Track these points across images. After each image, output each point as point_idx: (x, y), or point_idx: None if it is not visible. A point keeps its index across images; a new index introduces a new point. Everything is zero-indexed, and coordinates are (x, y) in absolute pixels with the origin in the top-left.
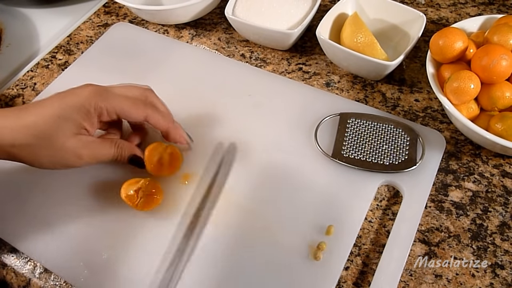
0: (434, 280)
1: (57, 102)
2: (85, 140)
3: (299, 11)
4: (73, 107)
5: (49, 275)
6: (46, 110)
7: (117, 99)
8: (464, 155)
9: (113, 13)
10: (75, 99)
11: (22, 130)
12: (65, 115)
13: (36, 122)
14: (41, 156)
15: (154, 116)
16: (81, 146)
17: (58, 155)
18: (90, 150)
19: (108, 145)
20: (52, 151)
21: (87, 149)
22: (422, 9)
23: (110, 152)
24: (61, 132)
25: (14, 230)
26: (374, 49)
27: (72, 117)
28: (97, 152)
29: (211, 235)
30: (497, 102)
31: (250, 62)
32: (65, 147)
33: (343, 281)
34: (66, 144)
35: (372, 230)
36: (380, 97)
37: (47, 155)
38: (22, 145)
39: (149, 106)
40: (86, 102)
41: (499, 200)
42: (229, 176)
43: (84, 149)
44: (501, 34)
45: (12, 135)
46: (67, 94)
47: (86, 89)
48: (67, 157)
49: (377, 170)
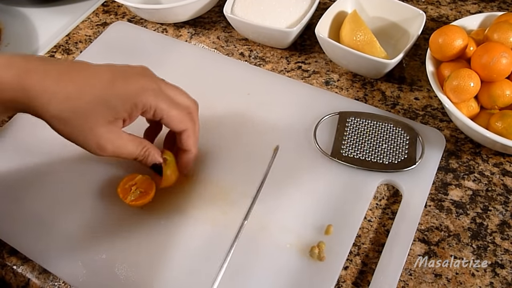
0: (433, 280)
1: (107, 82)
2: (115, 133)
3: (298, 9)
4: (121, 96)
5: (47, 275)
6: (92, 86)
7: (167, 102)
8: (464, 153)
9: (112, 12)
10: (126, 88)
11: (60, 99)
12: (108, 101)
13: (77, 96)
14: (68, 129)
15: (190, 134)
16: (107, 138)
17: (83, 135)
18: (115, 146)
19: (135, 145)
20: (80, 130)
21: (112, 143)
22: (422, 6)
23: (134, 153)
24: (96, 116)
25: (12, 230)
26: (374, 47)
27: (115, 106)
28: (121, 149)
29: (209, 235)
30: (497, 100)
31: (249, 61)
32: (92, 132)
33: (342, 280)
34: (95, 130)
35: (371, 229)
36: (379, 96)
37: (73, 132)
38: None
39: (192, 121)
40: (136, 95)
41: (499, 199)
42: (227, 175)
43: (108, 142)
44: (501, 32)
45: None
46: (120, 76)
47: (141, 80)
48: (90, 142)
49: (377, 169)
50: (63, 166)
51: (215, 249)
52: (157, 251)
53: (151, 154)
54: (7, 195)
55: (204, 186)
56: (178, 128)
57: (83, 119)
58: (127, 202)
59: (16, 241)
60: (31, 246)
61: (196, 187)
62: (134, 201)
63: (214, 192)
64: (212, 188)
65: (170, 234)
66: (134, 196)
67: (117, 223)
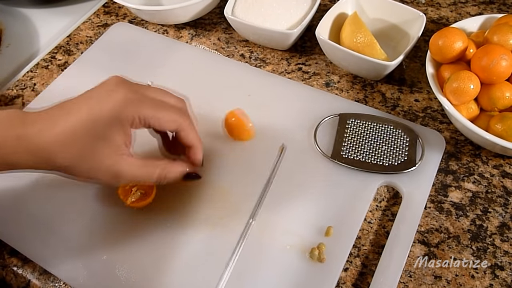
0: (433, 281)
1: (86, 115)
2: (124, 162)
3: (299, 11)
4: (105, 122)
5: (48, 276)
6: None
7: (150, 106)
8: (464, 155)
9: (113, 13)
10: (104, 110)
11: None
12: (99, 133)
13: (72, 142)
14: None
15: (186, 130)
16: (119, 169)
17: (96, 174)
18: (129, 173)
19: (150, 170)
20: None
21: (125, 171)
22: (422, 8)
23: (151, 176)
24: (99, 153)
25: (13, 231)
26: (374, 49)
27: (107, 135)
28: (136, 174)
29: (210, 236)
30: (497, 103)
31: (250, 62)
32: (103, 168)
33: (342, 282)
34: (104, 165)
35: (371, 231)
36: (379, 97)
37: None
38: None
39: (183, 117)
40: (117, 112)
41: (499, 201)
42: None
43: (122, 172)
44: (501, 34)
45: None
46: (95, 101)
47: (114, 94)
48: (104, 177)
49: (377, 171)
50: None
51: (216, 250)
52: (157, 252)
53: (172, 172)
54: (8, 197)
55: (206, 188)
56: (171, 127)
57: (88, 161)
58: (127, 203)
59: (17, 242)
60: (31, 247)
61: (197, 189)
62: (134, 203)
63: (216, 194)
64: (214, 189)
65: (171, 235)
66: (135, 197)
67: (118, 224)
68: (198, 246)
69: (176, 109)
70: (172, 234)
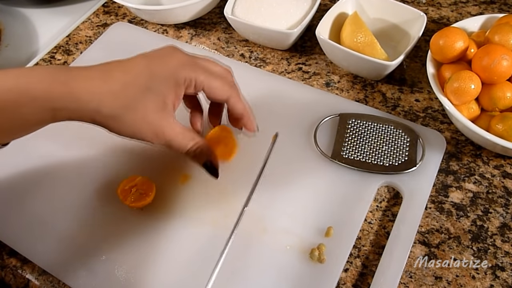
0: (434, 282)
1: (144, 69)
2: (167, 121)
3: (299, 11)
4: (162, 78)
5: (47, 276)
6: (134, 78)
7: (206, 72)
8: (464, 155)
9: (112, 13)
10: (164, 68)
11: (109, 97)
12: (152, 86)
13: (123, 90)
14: (123, 125)
15: (236, 99)
16: (161, 126)
17: (139, 127)
18: (168, 134)
19: (187, 139)
20: (134, 123)
21: (165, 131)
22: (422, 8)
23: (185, 146)
24: (146, 105)
25: (12, 231)
26: (374, 48)
27: (160, 90)
28: (173, 139)
29: (210, 236)
30: (498, 103)
31: (250, 62)
32: (146, 121)
33: (343, 283)
34: (148, 119)
35: (371, 231)
36: (380, 97)
37: (128, 126)
38: (107, 113)
39: (233, 87)
40: (175, 72)
41: (500, 201)
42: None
43: (162, 130)
44: (502, 34)
45: (98, 101)
46: (154, 60)
47: (174, 57)
48: (146, 132)
49: (377, 171)
50: (63, 168)
51: (216, 250)
52: (157, 252)
53: (204, 152)
54: (8, 197)
55: (205, 188)
56: (222, 96)
57: (134, 112)
58: (127, 203)
59: (16, 243)
60: (31, 247)
61: (197, 189)
62: (134, 203)
63: (215, 194)
64: (213, 189)
65: (170, 235)
66: (134, 197)
67: (117, 224)
68: (198, 245)
69: (226, 79)
70: (172, 234)
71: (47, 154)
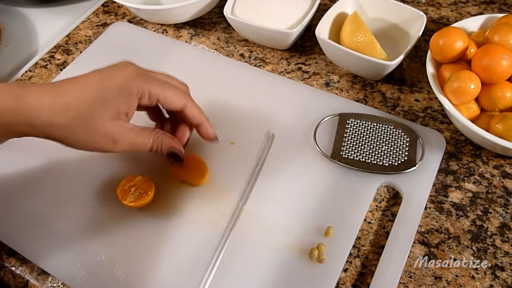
0: (433, 282)
1: (96, 82)
2: (122, 126)
3: (299, 11)
4: (114, 89)
5: (46, 276)
6: (85, 90)
7: (159, 83)
8: (464, 155)
9: (112, 12)
10: (115, 79)
11: (61, 110)
12: (104, 97)
13: (75, 102)
14: (77, 137)
15: (192, 107)
16: (117, 132)
17: (94, 137)
18: (126, 137)
19: (146, 136)
20: (88, 133)
21: (123, 135)
22: (422, 8)
23: (147, 143)
24: (99, 115)
25: (11, 231)
26: (374, 48)
27: (112, 100)
28: (133, 140)
29: (209, 236)
30: (498, 103)
31: (249, 62)
32: (101, 131)
33: (342, 282)
34: (102, 128)
35: (371, 231)
36: (380, 97)
37: (83, 137)
38: (59, 125)
39: (188, 96)
40: (127, 83)
41: (500, 201)
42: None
43: (120, 135)
44: (502, 34)
45: (50, 114)
46: (106, 73)
47: (126, 69)
48: (102, 140)
49: (377, 171)
50: (62, 167)
51: (215, 250)
52: (156, 252)
53: (165, 141)
54: (6, 196)
55: (204, 188)
56: (177, 104)
57: (88, 122)
58: (126, 203)
59: (15, 242)
60: (30, 247)
61: (196, 188)
62: (133, 202)
63: (214, 194)
64: (212, 189)
65: (169, 235)
66: (133, 197)
67: (116, 224)
68: (198, 245)
69: (181, 90)
70: (171, 233)
71: (46, 153)
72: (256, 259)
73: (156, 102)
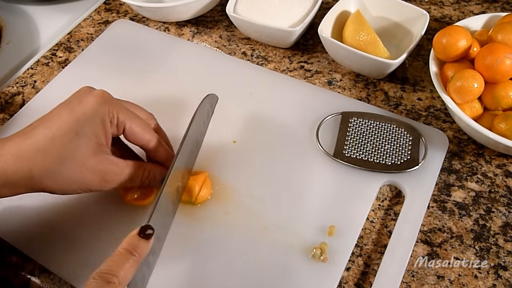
0: (436, 281)
1: (67, 115)
2: (107, 160)
3: (301, 9)
4: (87, 119)
5: (48, 274)
6: (59, 129)
7: (127, 113)
8: (467, 154)
9: (114, 10)
10: (85, 106)
11: (38, 157)
12: (80, 130)
13: (52, 145)
14: (63, 181)
15: (156, 145)
16: (104, 169)
17: (81, 178)
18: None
19: (134, 168)
20: (74, 175)
21: (111, 171)
22: (425, 7)
23: (136, 176)
24: (81, 152)
25: (13, 229)
26: (377, 47)
27: (89, 131)
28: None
29: (212, 235)
30: (501, 102)
31: (252, 60)
32: (87, 169)
33: (345, 281)
34: (87, 164)
35: (374, 230)
36: (382, 96)
37: (69, 181)
38: (40, 174)
39: (154, 133)
40: (98, 109)
41: (502, 201)
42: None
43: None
44: (505, 33)
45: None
46: (73, 102)
47: (92, 95)
48: (91, 179)
49: (379, 170)
50: None
51: (216, 248)
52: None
53: (157, 173)
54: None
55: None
56: (143, 139)
57: (71, 163)
58: (129, 201)
59: (17, 240)
60: (31, 245)
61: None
62: (136, 200)
63: (216, 192)
64: (214, 188)
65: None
66: (137, 194)
67: (120, 223)
68: (198, 244)
69: (147, 124)
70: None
71: None
72: (257, 258)
73: (122, 131)
